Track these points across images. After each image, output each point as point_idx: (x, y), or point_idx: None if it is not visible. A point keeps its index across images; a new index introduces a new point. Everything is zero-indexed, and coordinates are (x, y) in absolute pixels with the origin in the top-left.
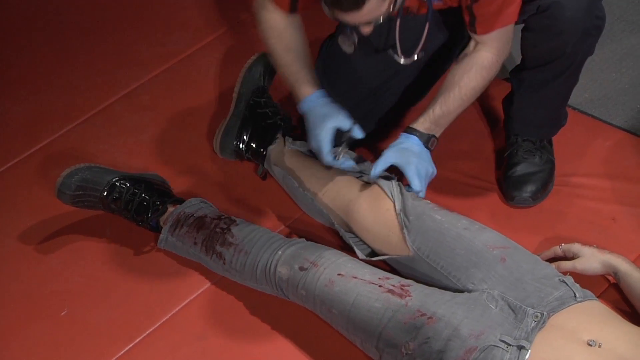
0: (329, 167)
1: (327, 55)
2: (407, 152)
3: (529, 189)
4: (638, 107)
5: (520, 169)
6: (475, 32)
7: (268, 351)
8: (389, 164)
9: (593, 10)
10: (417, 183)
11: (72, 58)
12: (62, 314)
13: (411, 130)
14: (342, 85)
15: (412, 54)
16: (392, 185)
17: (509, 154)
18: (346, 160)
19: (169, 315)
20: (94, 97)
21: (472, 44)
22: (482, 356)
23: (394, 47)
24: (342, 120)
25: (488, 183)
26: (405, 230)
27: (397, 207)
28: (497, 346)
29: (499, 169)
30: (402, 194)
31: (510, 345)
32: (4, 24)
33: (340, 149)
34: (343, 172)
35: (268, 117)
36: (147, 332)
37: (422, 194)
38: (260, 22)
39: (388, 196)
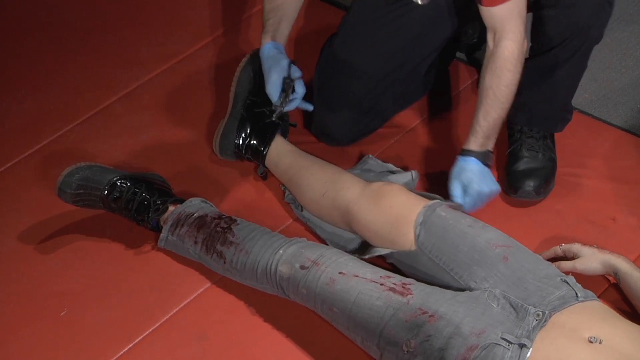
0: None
1: (329, 51)
2: (468, 173)
3: (532, 182)
4: (638, 107)
5: (524, 164)
6: (480, 2)
7: (268, 351)
8: (458, 189)
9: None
10: (470, 203)
11: (72, 58)
12: (62, 314)
13: (467, 153)
14: (342, 82)
15: None
16: (412, 175)
17: (512, 150)
18: (290, 104)
19: (169, 315)
20: (94, 97)
21: (489, 41)
22: (484, 354)
23: None
24: (284, 70)
25: None
26: (419, 227)
27: (429, 203)
28: (499, 344)
29: (502, 166)
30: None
31: (511, 343)
32: (4, 24)
33: (284, 95)
34: (343, 172)
35: (266, 116)
36: (147, 332)
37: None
38: None
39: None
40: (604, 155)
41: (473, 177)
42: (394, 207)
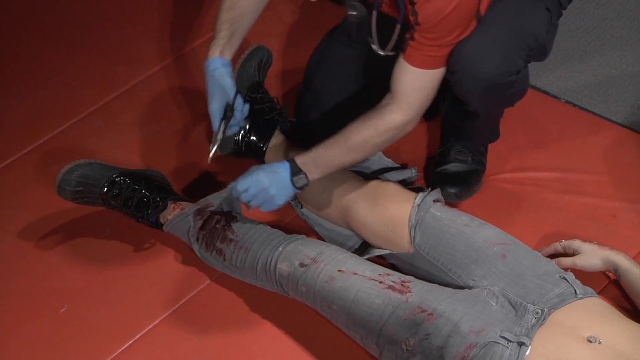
0: None
1: (321, 53)
2: (269, 168)
3: (455, 187)
4: (638, 104)
5: (451, 168)
6: (403, 51)
7: (268, 348)
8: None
9: (493, 92)
10: (238, 191)
11: (72, 55)
12: (62, 310)
13: (287, 159)
14: (333, 84)
15: (385, 48)
16: (412, 172)
17: (442, 150)
18: (230, 130)
19: (169, 312)
20: (94, 94)
21: (388, 93)
22: (483, 352)
23: (370, 37)
24: (226, 96)
25: (486, 180)
26: (413, 230)
27: (416, 202)
28: (498, 342)
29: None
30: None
31: (510, 341)
32: (3, 22)
33: (223, 123)
34: (342, 171)
35: (265, 113)
36: (147, 329)
37: (240, 197)
38: None
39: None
40: (604, 151)
41: (271, 174)
42: (389, 209)
